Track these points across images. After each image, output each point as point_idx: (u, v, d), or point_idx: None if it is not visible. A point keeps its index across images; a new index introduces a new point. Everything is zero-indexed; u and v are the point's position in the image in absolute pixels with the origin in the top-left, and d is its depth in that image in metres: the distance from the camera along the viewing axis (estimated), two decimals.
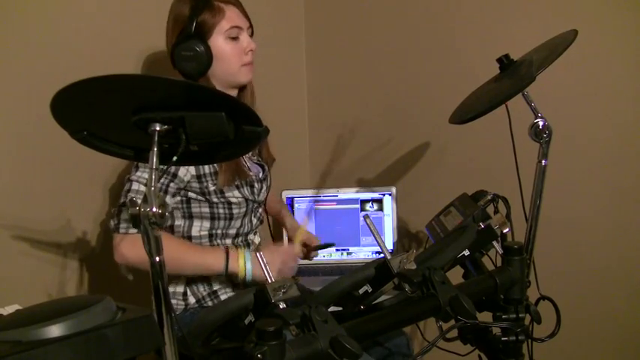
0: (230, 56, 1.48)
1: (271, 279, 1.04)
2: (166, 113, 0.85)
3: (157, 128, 0.85)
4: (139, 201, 0.81)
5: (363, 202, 2.03)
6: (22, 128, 1.55)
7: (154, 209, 0.80)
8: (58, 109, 0.85)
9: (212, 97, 0.88)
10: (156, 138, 0.84)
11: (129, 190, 1.40)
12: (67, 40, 1.62)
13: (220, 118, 0.85)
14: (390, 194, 2.02)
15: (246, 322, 1.03)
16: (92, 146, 0.93)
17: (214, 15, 1.45)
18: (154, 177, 0.83)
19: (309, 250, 1.77)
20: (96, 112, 0.89)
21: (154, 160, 0.84)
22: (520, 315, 1.25)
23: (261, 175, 1.62)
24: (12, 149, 1.54)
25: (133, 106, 0.85)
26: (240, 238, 1.58)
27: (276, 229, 2.08)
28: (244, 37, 1.51)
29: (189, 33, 1.42)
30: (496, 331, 1.29)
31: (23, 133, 1.55)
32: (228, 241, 1.56)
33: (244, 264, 1.43)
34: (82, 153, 1.02)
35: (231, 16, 1.48)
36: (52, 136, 1.15)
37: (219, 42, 1.46)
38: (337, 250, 2.03)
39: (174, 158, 0.88)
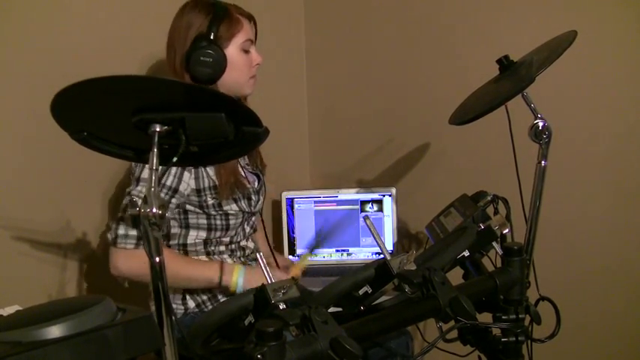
0: (241, 67, 1.51)
1: (271, 280, 1.04)
2: (166, 114, 0.85)
3: (157, 129, 0.85)
4: (139, 202, 0.81)
5: (363, 202, 2.03)
6: (22, 129, 1.55)
7: (154, 210, 0.80)
8: (58, 109, 0.85)
9: (212, 98, 0.88)
10: (156, 139, 0.84)
11: (127, 205, 1.40)
12: (68, 41, 1.62)
13: (220, 119, 0.85)
14: (389, 195, 2.02)
15: (246, 322, 1.03)
16: (92, 147, 0.93)
17: (233, 26, 1.47)
18: (154, 178, 0.83)
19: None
20: (96, 113, 0.89)
21: (154, 160, 0.84)
22: (520, 316, 1.25)
23: (256, 184, 1.63)
24: (12, 150, 1.54)
25: (133, 107, 0.85)
26: (233, 245, 1.59)
27: (276, 240, 2.09)
28: (254, 50, 1.54)
29: (209, 39, 1.43)
30: (496, 331, 1.29)
31: (23, 134, 1.55)
32: (222, 248, 1.57)
33: (237, 279, 1.45)
34: (82, 154, 1.02)
35: (247, 30, 1.51)
36: (52, 137, 1.15)
37: (233, 53, 1.48)
38: (337, 250, 2.03)
39: (175, 159, 0.88)
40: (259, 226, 1.76)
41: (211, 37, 1.43)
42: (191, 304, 1.51)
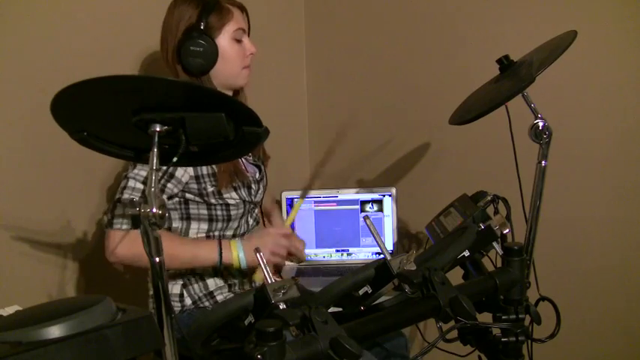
0: (234, 57, 1.51)
1: (271, 279, 1.04)
2: (166, 114, 0.85)
3: (157, 129, 0.85)
4: (139, 201, 0.81)
5: (363, 202, 2.03)
6: (22, 129, 1.55)
7: (154, 210, 0.80)
8: (58, 109, 0.85)
9: (212, 98, 0.88)
10: (156, 139, 0.84)
11: (125, 187, 1.40)
12: (68, 40, 1.62)
13: (220, 119, 0.85)
14: (390, 195, 2.02)
15: (246, 322, 1.03)
16: (92, 147, 0.93)
17: (223, 16, 1.48)
18: (153, 178, 0.83)
19: None
20: (96, 112, 0.89)
21: (154, 160, 0.84)
22: (520, 316, 1.25)
23: (257, 175, 1.62)
24: (12, 150, 1.54)
25: (133, 107, 0.85)
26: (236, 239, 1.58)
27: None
28: (247, 40, 1.54)
29: (199, 29, 1.43)
30: (496, 331, 1.29)
31: (24, 134, 1.55)
32: None
33: (237, 254, 1.44)
34: (82, 154, 1.02)
35: (238, 19, 1.51)
36: (52, 137, 1.15)
37: (224, 42, 1.48)
38: (337, 250, 2.03)
39: (175, 159, 0.88)
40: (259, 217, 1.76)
41: (201, 28, 1.44)
42: (188, 301, 1.51)
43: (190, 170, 1.46)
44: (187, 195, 1.48)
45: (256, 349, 0.84)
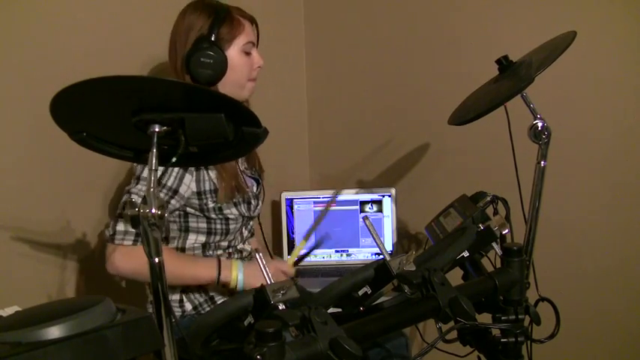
0: (242, 69, 1.51)
1: (270, 280, 1.04)
2: (166, 114, 0.85)
3: (157, 129, 0.85)
4: (139, 202, 0.81)
5: (363, 203, 2.03)
6: (22, 129, 1.55)
7: (154, 210, 0.80)
8: (57, 110, 0.85)
9: (211, 99, 0.88)
10: (155, 139, 0.84)
11: (126, 202, 1.39)
12: (68, 40, 1.62)
13: (219, 120, 0.85)
14: (389, 195, 2.02)
15: (246, 323, 1.03)
16: (91, 147, 0.93)
17: (234, 28, 1.47)
18: (153, 178, 0.83)
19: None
20: (95, 113, 0.89)
21: (154, 161, 0.84)
22: (519, 316, 1.25)
23: (255, 189, 1.63)
24: (12, 150, 1.54)
25: (133, 108, 0.85)
26: (231, 249, 1.59)
27: (275, 240, 2.08)
28: (255, 52, 1.54)
29: (210, 41, 1.43)
30: (495, 332, 1.29)
31: (23, 135, 1.55)
32: (220, 252, 1.57)
33: (237, 275, 1.45)
34: (82, 154, 1.02)
35: (248, 32, 1.51)
36: (52, 138, 1.15)
37: (233, 54, 1.48)
38: (337, 251, 2.03)
39: (174, 159, 0.88)
40: (257, 231, 1.76)
41: (212, 39, 1.43)
42: (188, 306, 1.51)
43: (193, 186, 1.46)
44: (188, 209, 1.49)
45: (256, 349, 0.84)
